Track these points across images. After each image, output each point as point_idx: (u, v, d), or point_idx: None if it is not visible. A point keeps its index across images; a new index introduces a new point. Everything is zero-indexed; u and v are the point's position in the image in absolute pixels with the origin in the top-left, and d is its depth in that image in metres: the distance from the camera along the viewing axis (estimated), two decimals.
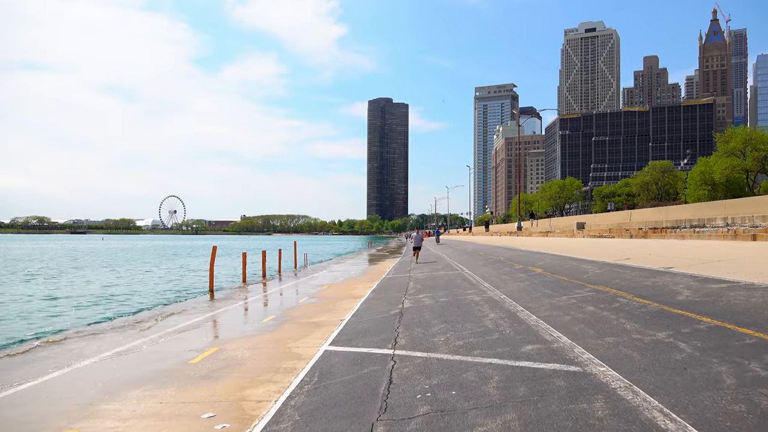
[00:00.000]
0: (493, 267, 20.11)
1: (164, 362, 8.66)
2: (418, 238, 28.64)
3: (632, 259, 16.63)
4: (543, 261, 19.94)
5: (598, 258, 18.42)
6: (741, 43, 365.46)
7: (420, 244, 28.35)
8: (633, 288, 10.81)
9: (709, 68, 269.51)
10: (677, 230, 22.89)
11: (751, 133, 73.07)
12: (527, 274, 15.93)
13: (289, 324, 11.71)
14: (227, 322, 12.58)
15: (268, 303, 16.31)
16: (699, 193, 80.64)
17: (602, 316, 8.37)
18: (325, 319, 11.99)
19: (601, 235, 30.65)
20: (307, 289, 20.64)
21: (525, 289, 12.67)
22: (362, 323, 10.61)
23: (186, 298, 19.38)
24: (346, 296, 16.49)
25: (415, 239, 28.55)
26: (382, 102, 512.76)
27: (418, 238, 28.64)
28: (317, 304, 15.12)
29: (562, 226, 42.40)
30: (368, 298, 14.84)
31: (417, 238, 28.61)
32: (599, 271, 14.56)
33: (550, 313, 9.10)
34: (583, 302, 9.84)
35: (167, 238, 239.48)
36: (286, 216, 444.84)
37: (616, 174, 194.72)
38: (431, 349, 7.37)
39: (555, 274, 14.92)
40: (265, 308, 15.32)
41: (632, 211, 33.80)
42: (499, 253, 28.21)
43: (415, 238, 28.70)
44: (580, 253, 21.31)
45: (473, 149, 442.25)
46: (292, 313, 13.29)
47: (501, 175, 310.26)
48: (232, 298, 17.91)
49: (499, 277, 16.33)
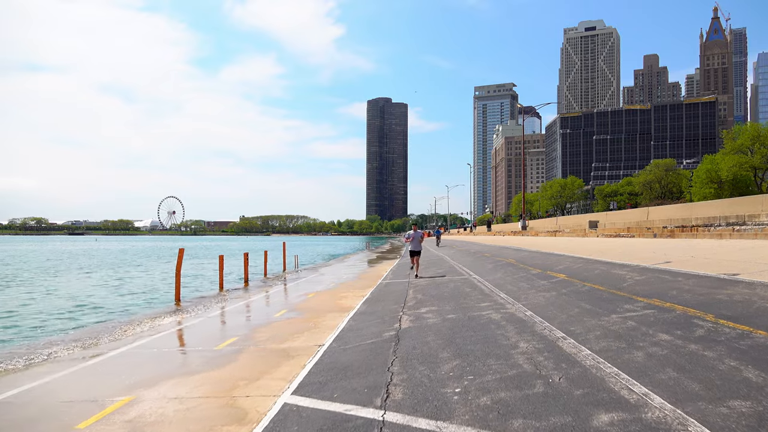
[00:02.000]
0: (505, 271, 17.43)
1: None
2: (417, 239, 19.27)
3: (674, 263, 13.95)
4: (563, 264, 17.26)
5: (629, 261, 15.74)
6: (741, 42, 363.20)
7: (419, 247, 19.53)
8: (706, 305, 8.14)
9: (710, 66, 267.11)
10: (711, 228, 20.22)
11: (759, 130, 70.87)
12: (549, 282, 13.25)
13: (251, 352, 8.99)
14: (169, 349, 9.58)
15: (235, 318, 13.55)
16: (705, 191, 78.26)
17: (693, 353, 5.69)
18: (298, 345, 9.29)
19: (619, 235, 27.96)
20: (289, 299, 17.89)
21: (554, 303, 9.99)
22: (345, 353, 7.92)
23: (139, 311, 16.66)
24: (333, 309, 13.77)
25: (413, 240, 19.24)
26: (381, 102, 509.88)
27: (417, 239, 19.27)
28: (295, 319, 12.39)
29: (571, 225, 39.70)
30: (358, 311, 12.15)
31: (416, 239, 19.26)
32: (640, 277, 11.88)
33: (607, 345, 6.41)
34: (645, 325, 7.16)
35: (165, 239, 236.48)
36: (285, 216, 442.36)
37: (617, 173, 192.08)
38: (442, 412, 4.71)
39: (585, 282, 12.24)
40: (229, 326, 12.56)
41: (650, 208, 31.13)
42: (508, 254, 25.53)
43: (413, 238, 19.23)
44: (603, 255, 18.65)
45: (473, 149, 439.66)
46: (260, 335, 10.55)
47: (501, 175, 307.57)
48: (196, 311, 15.15)
49: (516, 284, 13.64)
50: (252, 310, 14.98)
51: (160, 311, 15.81)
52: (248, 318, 13.53)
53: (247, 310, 15.03)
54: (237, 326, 12.06)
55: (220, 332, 11.38)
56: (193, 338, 11.05)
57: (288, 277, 27.04)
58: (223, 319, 13.33)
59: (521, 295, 11.63)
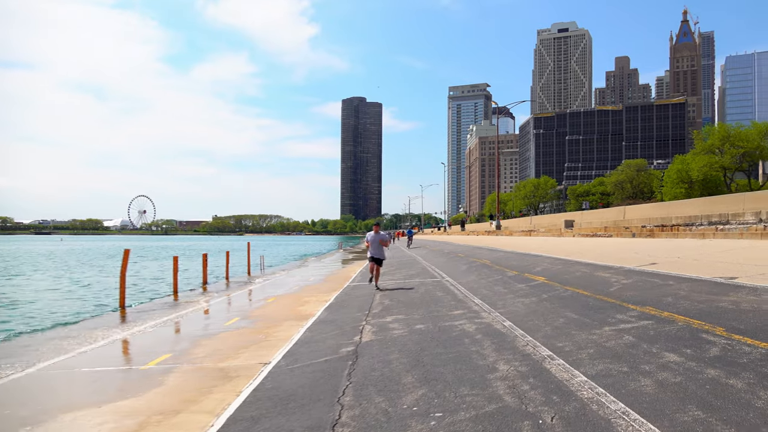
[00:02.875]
0: (479, 273, 16.32)
1: None
2: (377, 243, 14.59)
3: (660, 264, 13.00)
4: (541, 266, 16.24)
5: (611, 262, 14.77)
6: (709, 46, 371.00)
7: (382, 253, 14.77)
8: (710, 315, 7.08)
9: (680, 69, 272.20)
10: (692, 228, 19.46)
11: (729, 131, 71.67)
12: (528, 285, 12.16)
13: (182, 372, 7.63)
14: (85, 368, 7.97)
15: (179, 328, 12.05)
16: (676, 191, 78.91)
17: (715, 380, 4.56)
18: (241, 362, 7.96)
19: (596, 234, 27.21)
20: (246, 304, 16.45)
21: (536, 311, 8.86)
22: (292, 375, 6.63)
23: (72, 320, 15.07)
24: (290, 316, 12.42)
25: (373, 244, 14.61)
26: (355, 101, 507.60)
27: (377, 243, 14.59)
28: (245, 330, 11.02)
29: (546, 225, 38.99)
30: (318, 319, 10.86)
31: (376, 243, 14.59)
32: (627, 281, 10.85)
33: (605, 368, 5.26)
34: (646, 341, 6.06)
35: (134, 238, 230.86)
36: (258, 216, 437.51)
37: (589, 173, 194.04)
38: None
39: (567, 286, 11.17)
40: (167, 338, 11.08)
41: (627, 207, 30.51)
42: (482, 255, 24.49)
43: (372, 241, 14.64)
44: (583, 256, 17.70)
45: (447, 149, 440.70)
46: (199, 349, 9.17)
47: (475, 175, 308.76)
48: (137, 319, 13.63)
49: (492, 288, 12.51)
50: (200, 319, 13.53)
51: (98, 322, 14.18)
52: (194, 328, 12.08)
53: (194, 319, 13.58)
54: (176, 339, 10.63)
55: (154, 346, 9.91)
56: (120, 354, 9.60)
57: (252, 280, 25.56)
58: (164, 330, 11.83)
59: (498, 300, 10.49)
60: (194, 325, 12.62)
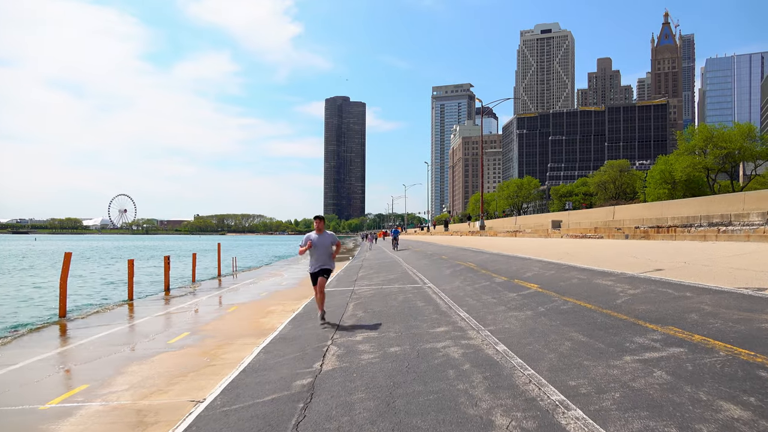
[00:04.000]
0: (465, 279, 14.86)
1: None
2: (322, 248, 9.52)
3: (667, 271, 11.63)
4: (531, 270, 14.82)
5: (610, 267, 13.39)
6: (689, 48, 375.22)
7: (330, 263, 9.76)
8: (757, 339, 5.65)
9: (661, 70, 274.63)
10: (691, 229, 18.22)
11: (712, 131, 71.44)
12: (520, 295, 10.71)
13: (89, 415, 5.98)
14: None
15: (114, 346, 10.36)
16: (659, 191, 78.67)
17: None
18: (169, 400, 6.36)
19: (585, 235, 25.94)
20: (203, 314, 14.70)
21: (534, 330, 7.40)
22: (224, 425, 5.07)
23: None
24: (248, 331, 10.80)
25: (315, 250, 9.52)
26: (339, 100, 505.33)
27: (322, 248, 9.52)
28: (191, 350, 9.37)
29: (532, 225, 37.75)
30: (279, 336, 9.28)
31: (319, 248, 9.51)
32: (635, 291, 9.45)
33: (643, 426, 3.80)
34: (686, 380, 4.61)
35: (113, 238, 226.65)
36: (240, 215, 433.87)
37: (572, 173, 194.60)
38: None
39: (565, 296, 9.73)
40: (90, 362, 9.19)
41: (616, 207, 29.34)
42: (467, 257, 23.07)
43: (316, 245, 9.50)
44: (576, 260, 16.33)
45: (431, 149, 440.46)
46: (126, 378, 7.52)
47: (458, 175, 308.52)
48: (74, 332, 11.90)
49: (479, 297, 11.04)
50: (143, 334, 11.77)
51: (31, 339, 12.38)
52: (131, 347, 10.31)
53: (137, 334, 11.86)
54: (103, 362, 8.87)
55: (75, 372, 8.25)
56: (22, 386, 7.86)
57: (221, 284, 23.86)
58: (95, 349, 10.10)
59: (487, 314, 9.01)
60: (133, 342, 10.87)
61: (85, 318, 14.42)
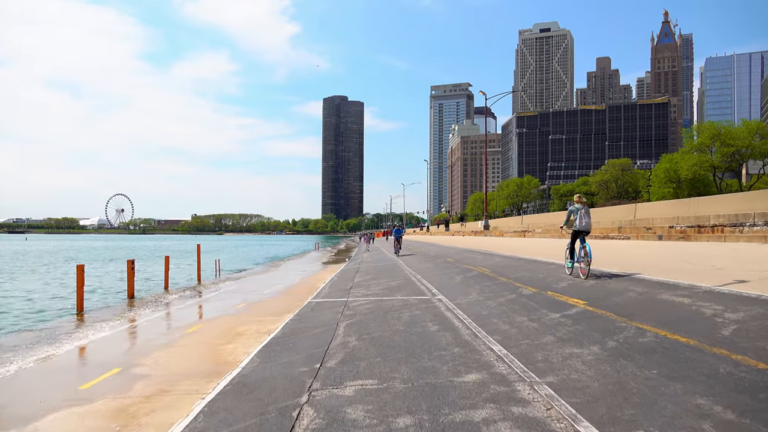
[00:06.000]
0: (482, 289, 12.14)
1: None
2: None
3: (753, 284, 8.96)
4: (564, 279, 12.12)
5: (669, 277, 10.68)
6: (688, 48, 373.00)
7: None
8: None
9: (661, 69, 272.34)
10: (743, 228, 15.57)
11: (719, 128, 69.11)
12: (564, 315, 8.01)
13: None
14: None
15: (5, 398, 7.61)
16: (663, 190, 76.31)
17: None
18: None
19: (607, 236, 23.28)
20: (153, 336, 11.68)
21: (623, 386, 4.69)
22: None
23: None
24: (199, 368, 7.97)
25: None
26: (337, 100, 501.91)
27: None
28: (103, 403, 6.57)
29: (542, 224, 35.05)
30: (236, 379, 6.57)
31: None
32: (734, 315, 6.75)
33: None
34: None
35: (110, 238, 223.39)
36: (238, 215, 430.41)
37: (572, 172, 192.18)
38: None
39: (635, 321, 7.03)
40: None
41: (638, 205, 26.68)
42: (477, 260, 20.38)
43: None
44: (614, 267, 13.62)
45: (429, 148, 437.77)
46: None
47: (457, 174, 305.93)
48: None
49: (511, 319, 8.34)
50: (55, 371, 8.86)
51: None
52: (20, 395, 7.48)
53: (47, 371, 8.98)
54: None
55: None
56: None
57: (199, 290, 21.14)
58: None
59: (534, 350, 6.31)
60: (31, 385, 8.06)
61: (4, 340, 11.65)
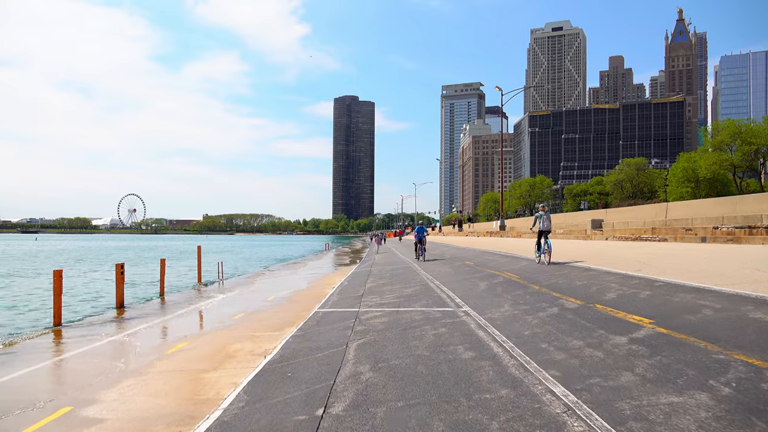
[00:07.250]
0: (515, 300, 10.46)
1: None
2: None
3: None
4: (612, 290, 10.38)
5: (735, 288, 8.97)
6: (702, 47, 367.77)
7: None
8: None
9: (675, 68, 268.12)
10: None
11: (740, 126, 66.76)
12: (631, 339, 6.35)
13: None
14: None
15: None
16: (682, 190, 73.99)
17: None
18: None
19: (639, 237, 21.51)
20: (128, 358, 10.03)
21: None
22: None
23: None
24: (167, 414, 6.40)
25: None
26: (348, 100, 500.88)
27: None
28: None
29: (565, 225, 33.24)
30: (217, 425, 5.01)
31: None
32: None
33: None
34: None
35: (123, 238, 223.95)
36: (249, 215, 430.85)
37: (586, 172, 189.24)
38: None
39: (732, 351, 5.38)
40: None
41: (669, 204, 24.83)
42: (500, 264, 18.69)
43: None
44: (661, 272, 11.85)
45: (440, 148, 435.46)
46: None
47: (468, 174, 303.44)
48: None
49: (564, 342, 6.68)
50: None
51: None
52: None
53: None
54: None
55: None
56: None
57: (197, 296, 19.66)
58: None
59: (612, 393, 4.66)
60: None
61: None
